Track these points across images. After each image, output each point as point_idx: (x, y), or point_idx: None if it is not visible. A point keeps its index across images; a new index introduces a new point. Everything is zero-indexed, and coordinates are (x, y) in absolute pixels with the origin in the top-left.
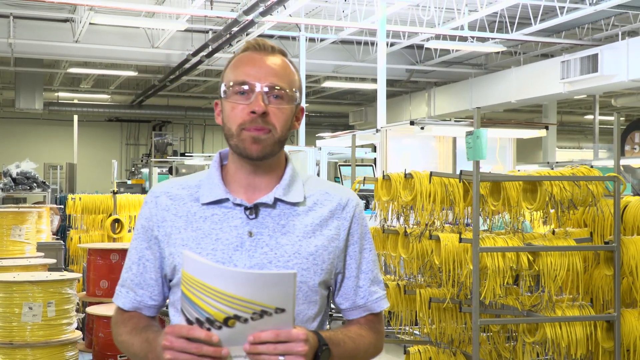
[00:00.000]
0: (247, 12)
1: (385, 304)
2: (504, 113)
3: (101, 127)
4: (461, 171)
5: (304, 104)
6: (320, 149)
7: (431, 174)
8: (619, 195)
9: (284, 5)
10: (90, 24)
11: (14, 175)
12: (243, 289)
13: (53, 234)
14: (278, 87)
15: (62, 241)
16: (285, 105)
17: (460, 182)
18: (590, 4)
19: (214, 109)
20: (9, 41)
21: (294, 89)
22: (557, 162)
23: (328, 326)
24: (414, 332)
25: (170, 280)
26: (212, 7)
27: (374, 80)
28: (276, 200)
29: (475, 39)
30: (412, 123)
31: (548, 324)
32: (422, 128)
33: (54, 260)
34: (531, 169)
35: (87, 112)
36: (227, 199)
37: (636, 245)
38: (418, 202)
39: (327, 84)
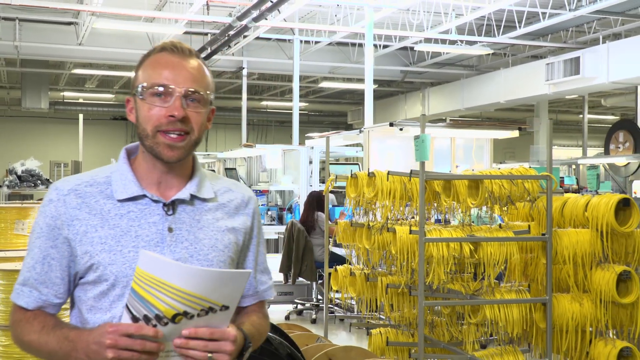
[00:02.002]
0: (240, 18)
1: (273, 293)
2: (495, 112)
3: (106, 126)
4: (411, 170)
5: (297, 102)
6: (312, 148)
7: (388, 173)
8: (551, 192)
9: (278, 10)
10: (92, 28)
11: (19, 172)
12: (201, 286)
13: None
14: (196, 92)
15: None
16: (202, 109)
17: (409, 180)
18: (570, 10)
19: (126, 105)
20: (15, 44)
21: (208, 92)
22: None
23: None
24: (380, 316)
25: (81, 278)
26: (208, 13)
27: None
28: (191, 196)
29: (464, 42)
30: (391, 124)
31: (488, 306)
32: (400, 129)
33: None
34: (505, 167)
35: (92, 111)
36: (143, 196)
37: (569, 236)
38: (379, 199)
39: (324, 84)
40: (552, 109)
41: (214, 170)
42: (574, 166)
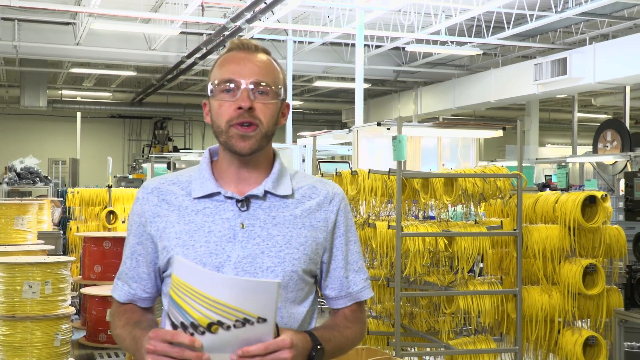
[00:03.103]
0: (234, 20)
1: (370, 293)
2: (488, 111)
3: (104, 124)
4: (390, 169)
5: (291, 101)
6: (305, 146)
7: (369, 171)
8: (521, 189)
9: (272, 11)
10: (89, 28)
11: (18, 170)
12: (228, 294)
13: (55, 225)
14: (263, 83)
15: (61, 231)
16: (270, 101)
17: (388, 178)
18: (556, 12)
19: (203, 108)
20: (14, 43)
21: (278, 85)
22: (537, 159)
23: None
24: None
25: (164, 272)
26: (203, 14)
27: (364, 80)
28: (266, 192)
29: (454, 43)
30: (379, 124)
31: (461, 297)
32: (388, 129)
33: (52, 247)
34: (489, 166)
35: (90, 110)
36: (218, 193)
37: (539, 232)
38: (361, 196)
39: (319, 83)
40: (544, 107)
41: None
42: (563, 164)
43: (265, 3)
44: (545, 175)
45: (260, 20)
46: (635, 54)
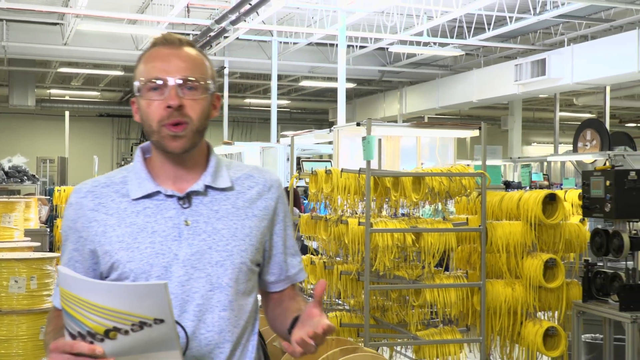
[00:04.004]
0: (219, 21)
1: (304, 275)
2: (473, 110)
3: (93, 122)
4: (360, 168)
5: (275, 101)
6: (289, 145)
7: (342, 170)
8: (485, 188)
9: (257, 12)
10: (77, 29)
11: (6, 168)
12: (117, 301)
13: (43, 223)
14: (191, 79)
15: (47, 228)
16: (200, 96)
17: (358, 176)
18: (534, 14)
19: (131, 107)
20: (2, 43)
21: (207, 79)
22: (519, 157)
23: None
24: (337, 301)
25: (106, 278)
26: (189, 15)
27: (349, 80)
28: (206, 187)
29: (437, 43)
30: (358, 124)
31: (428, 290)
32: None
33: (39, 244)
34: (463, 164)
35: (79, 108)
36: (158, 192)
37: (503, 228)
38: (335, 194)
39: (305, 83)
40: (529, 107)
41: None
42: (526, 164)
43: (250, 4)
44: (534, 173)
45: (245, 21)
46: (612, 55)
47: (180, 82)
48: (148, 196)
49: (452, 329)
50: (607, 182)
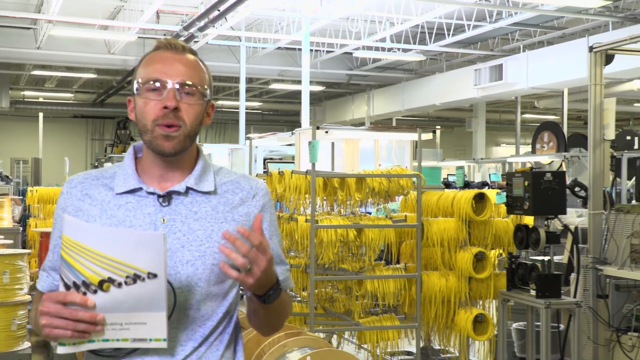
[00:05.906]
0: (187, 28)
1: (291, 284)
2: (439, 112)
3: (67, 124)
4: (307, 170)
5: (243, 102)
6: (257, 147)
7: (292, 172)
8: (420, 187)
9: (225, 18)
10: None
11: None
12: (116, 247)
13: (16, 222)
14: (189, 84)
15: (20, 227)
16: (195, 102)
17: (306, 177)
18: (490, 22)
19: (127, 105)
20: None
21: (204, 86)
22: (482, 158)
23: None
24: (290, 293)
25: None
26: (158, 21)
27: (318, 83)
28: (188, 189)
29: (400, 49)
30: (317, 127)
31: (369, 281)
32: (326, 132)
33: (11, 241)
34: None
35: (53, 110)
36: (140, 188)
37: (438, 224)
38: (287, 193)
39: (275, 85)
40: (495, 109)
41: None
42: (461, 166)
43: (219, 11)
44: (493, 174)
45: (214, 27)
46: (564, 61)
47: (179, 85)
48: (131, 192)
49: (392, 317)
50: (526, 182)
